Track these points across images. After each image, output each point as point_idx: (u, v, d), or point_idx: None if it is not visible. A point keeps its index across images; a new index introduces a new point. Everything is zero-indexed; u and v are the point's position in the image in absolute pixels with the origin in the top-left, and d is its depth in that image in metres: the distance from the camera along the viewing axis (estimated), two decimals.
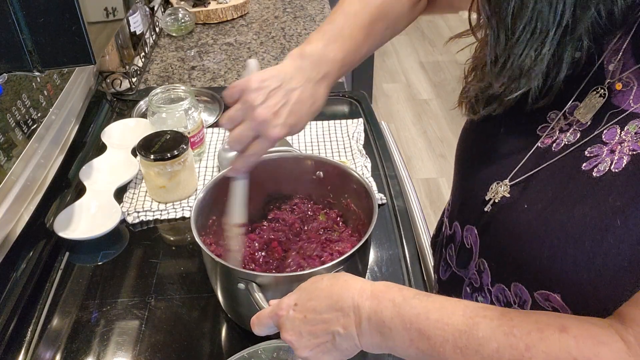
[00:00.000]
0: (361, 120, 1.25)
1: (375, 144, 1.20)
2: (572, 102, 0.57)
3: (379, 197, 1.03)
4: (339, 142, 1.19)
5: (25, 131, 0.92)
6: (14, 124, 0.88)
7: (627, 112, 0.52)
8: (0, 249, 0.82)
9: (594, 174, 0.52)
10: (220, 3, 1.81)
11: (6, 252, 0.83)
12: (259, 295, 0.67)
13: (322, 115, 1.28)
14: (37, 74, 0.59)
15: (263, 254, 0.85)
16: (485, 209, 0.63)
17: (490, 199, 0.62)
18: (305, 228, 0.88)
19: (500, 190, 0.61)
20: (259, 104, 0.65)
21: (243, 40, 1.69)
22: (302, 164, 0.88)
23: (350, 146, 1.17)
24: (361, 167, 1.10)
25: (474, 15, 0.62)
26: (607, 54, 0.55)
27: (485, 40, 0.58)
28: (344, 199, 0.87)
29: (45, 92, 1.01)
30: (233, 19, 1.83)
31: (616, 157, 0.51)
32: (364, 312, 0.54)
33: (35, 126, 0.95)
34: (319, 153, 1.16)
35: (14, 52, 0.56)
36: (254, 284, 0.68)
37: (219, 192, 0.84)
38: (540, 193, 0.56)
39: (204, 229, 0.82)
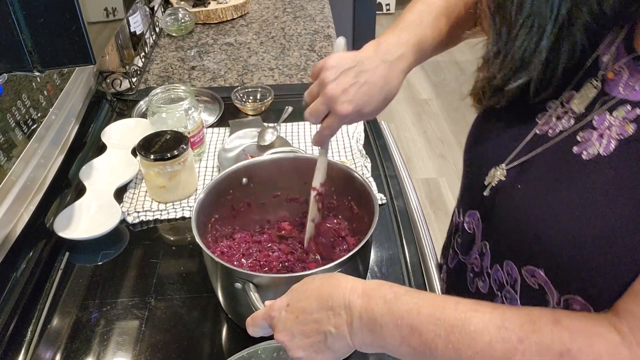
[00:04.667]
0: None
1: (375, 144, 1.20)
2: (569, 91, 0.61)
3: (379, 197, 1.03)
4: (339, 142, 1.19)
5: (25, 131, 0.92)
6: (14, 124, 0.88)
7: (617, 99, 0.55)
8: (0, 249, 0.82)
9: (584, 157, 0.55)
10: (220, 3, 1.81)
11: (6, 252, 0.83)
12: (255, 296, 0.67)
13: None
14: (37, 74, 0.59)
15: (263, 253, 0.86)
16: (485, 193, 0.66)
17: (489, 183, 0.65)
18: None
19: (497, 174, 0.64)
20: (330, 81, 0.69)
21: (243, 40, 1.69)
22: (306, 165, 0.88)
23: (350, 146, 1.16)
24: (361, 167, 1.10)
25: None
26: (602, 46, 0.59)
27: None
28: (347, 201, 0.86)
29: (45, 92, 1.01)
30: (233, 19, 1.83)
31: (605, 141, 0.54)
32: (355, 311, 0.54)
33: (35, 126, 0.95)
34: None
35: (14, 52, 0.56)
36: (251, 284, 0.68)
37: (219, 192, 0.84)
38: (534, 176, 0.60)
39: (205, 229, 0.82)
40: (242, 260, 0.85)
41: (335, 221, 0.88)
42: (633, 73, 0.54)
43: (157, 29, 1.73)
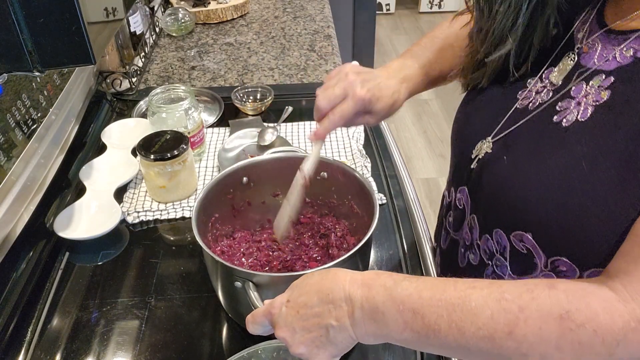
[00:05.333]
0: None
1: (375, 144, 1.20)
2: (547, 67, 0.66)
3: (379, 197, 1.03)
4: (339, 142, 1.19)
5: (25, 131, 0.92)
6: (14, 124, 0.88)
7: (592, 70, 0.59)
8: (0, 249, 0.82)
9: (564, 124, 0.59)
10: (220, 3, 1.81)
11: (6, 252, 0.83)
12: (254, 295, 0.66)
13: None
14: (37, 74, 0.59)
15: (264, 254, 0.86)
16: (472, 166, 0.70)
17: (476, 156, 0.69)
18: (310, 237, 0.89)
19: (484, 147, 0.68)
20: (352, 74, 0.76)
21: (243, 40, 1.69)
22: None
23: (350, 146, 1.17)
24: (361, 167, 1.10)
25: None
26: (577, 24, 0.64)
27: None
28: (348, 200, 0.86)
29: (45, 92, 1.01)
30: (233, 19, 1.83)
31: (582, 108, 0.58)
32: (357, 301, 0.54)
33: (35, 126, 0.95)
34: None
35: (14, 52, 0.56)
36: (251, 283, 0.68)
37: (220, 192, 0.84)
38: (518, 146, 0.64)
39: (205, 228, 0.82)
40: (243, 259, 0.85)
41: (318, 219, 0.89)
42: (605, 45, 0.59)
43: (157, 29, 1.73)
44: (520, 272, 0.65)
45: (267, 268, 0.83)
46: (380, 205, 1.02)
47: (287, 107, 1.29)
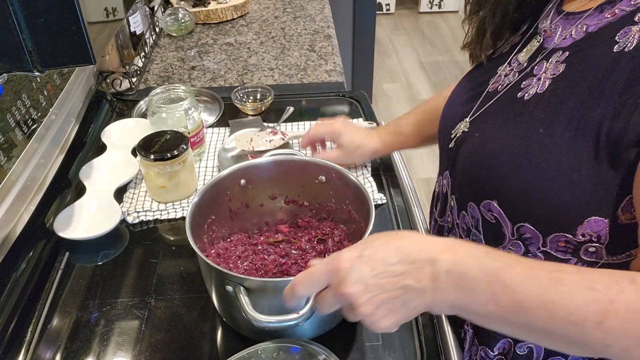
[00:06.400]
0: (361, 120, 1.25)
1: None
2: (515, 54, 0.72)
3: (379, 197, 1.03)
4: None
5: (25, 131, 0.92)
6: (14, 124, 0.88)
7: (552, 48, 0.65)
8: (0, 249, 0.82)
9: (525, 98, 0.64)
10: (220, 3, 1.81)
11: (6, 252, 0.83)
12: (245, 299, 0.66)
13: (322, 115, 1.28)
14: (37, 74, 0.59)
15: (260, 257, 0.85)
16: (450, 146, 0.75)
17: (455, 136, 0.74)
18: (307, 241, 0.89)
19: (461, 126, 0.74)
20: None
21: (243, 40, 1.69)
22: (305, 168, 0.87)
23: None
24: (361, 167, 1.10)
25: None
26: (541, 18, 0.71)
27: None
28: (345, 205, 0.86)
29: (45, 92, 1.01)
30: (233, 19, 1.83)
31: (541, 82, 0.63)
32: (443, 264, 0.52)
33: (35, 126, 0.95)
34: (319, 154, 1.16)
35: (14, 52, 0.56)
36: (242, 287, 0.67)
37: (217, 193, 0.84)
38: (487, 123, 0.69)
39: (201, 230, 0.82)
40: (238, 262, 0.84)
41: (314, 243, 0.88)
42: (565, 26, 0.65)
43: (157, 29, 1.73)
44: (493, 244, 0.67)
45: (262, 272, 0.83)
46: (380, 205, 1.02)
47: (287, 107, 1.29)
